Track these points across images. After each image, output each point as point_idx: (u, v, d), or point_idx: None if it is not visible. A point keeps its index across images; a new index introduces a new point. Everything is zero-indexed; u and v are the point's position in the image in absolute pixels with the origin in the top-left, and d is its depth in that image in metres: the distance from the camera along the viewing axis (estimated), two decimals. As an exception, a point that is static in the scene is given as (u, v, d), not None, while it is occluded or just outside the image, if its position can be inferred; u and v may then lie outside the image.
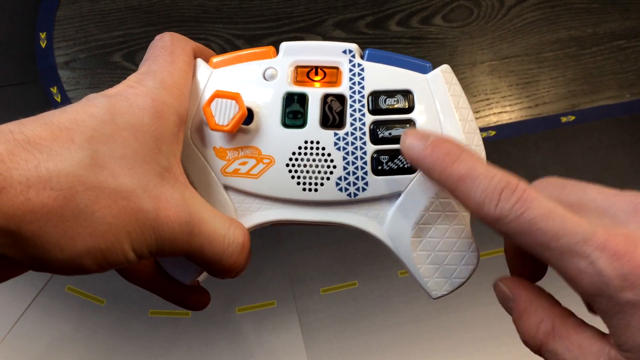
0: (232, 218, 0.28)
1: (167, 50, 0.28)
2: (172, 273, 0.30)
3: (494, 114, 1.05)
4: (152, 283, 0.30)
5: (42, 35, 1.07)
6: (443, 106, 0.29)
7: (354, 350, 0.85)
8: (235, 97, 0.28)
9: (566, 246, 0.23)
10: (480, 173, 0.25)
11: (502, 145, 1.02)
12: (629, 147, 1.03)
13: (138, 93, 0.26)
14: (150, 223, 0.24)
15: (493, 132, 1.03)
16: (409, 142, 0.27)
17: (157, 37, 0.29)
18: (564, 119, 1.05)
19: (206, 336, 0.85)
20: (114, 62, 1.06)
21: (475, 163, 0.25)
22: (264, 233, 0.28)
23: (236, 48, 1.07)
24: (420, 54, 1.09)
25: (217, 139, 0.29)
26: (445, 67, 0.30)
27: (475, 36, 1.11)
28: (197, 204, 0.26)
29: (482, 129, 1.02)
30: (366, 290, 0.89)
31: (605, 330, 0.24)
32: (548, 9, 1.14)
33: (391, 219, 0.29)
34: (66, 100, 1.02)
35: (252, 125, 0.29)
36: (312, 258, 0.91)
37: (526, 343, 0.26)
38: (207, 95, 0.29)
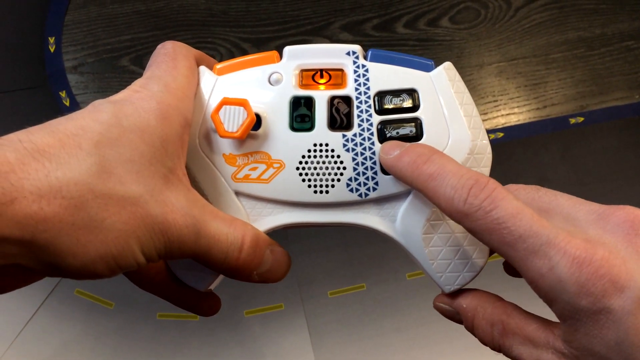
0: (233, 217, 0.28)
1: (169, 56, 0.29)
2: (186, 280, 0.30)
3: (502, 115, 1.04)
4: (164, 289, 0.30)
5: (51, 40, 1.08)
6: (448, 103, 0.29)
7: (361, 353, 0.85)
8: (243, 103, 0.28)
9: (531, 247, 0.23)
10: (449, 171, 0.25)
11: (510, 147, 1.01)
12: (638, 149, 1.02)
13: (143, 97, 0.26)
14: (159, 227, 0.24)
15: (501, 134, 1.02)
16: (386, 150, 0.28)
17: (159, 45, 0.30)
18: (572, 121, 1.04)
19: (214, 339, 0.85)
20: (122, 66, 1.06)
21: (446, 162, 0.26)
22: (271, 236, 0.29)
23: (243, 51, 1.08)
24: (428, 56, 1.09)
25: (226, 146, 0.29)
26: (447, 65, 0.30)
27: (483, 38, 1.11)
28: (201, 205, 0.26)
29: (489, 131, 1.02)
30: (374, 293, 0.89)
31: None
32: (556, 10, 1.14)
33: (402, 217, 0.29)
34: (75, 104, 1.02)
35: (260, 131, 0.29)
36: (320, 261, 0.91)
37: (487, 345, 0.27)
38: (213, 103, 0.29)
